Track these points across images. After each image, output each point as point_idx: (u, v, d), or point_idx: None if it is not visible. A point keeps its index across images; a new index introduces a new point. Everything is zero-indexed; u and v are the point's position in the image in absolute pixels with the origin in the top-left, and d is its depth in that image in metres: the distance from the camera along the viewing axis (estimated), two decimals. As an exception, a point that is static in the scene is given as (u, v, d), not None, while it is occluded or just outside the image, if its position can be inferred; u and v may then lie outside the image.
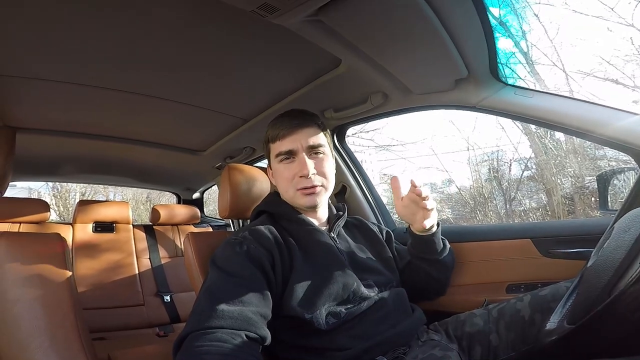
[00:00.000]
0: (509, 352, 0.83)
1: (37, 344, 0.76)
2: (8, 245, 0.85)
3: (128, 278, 2.07)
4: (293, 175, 0.92)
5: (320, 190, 0.93)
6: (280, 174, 0.94)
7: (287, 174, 0.93)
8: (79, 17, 0.89)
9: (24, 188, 7.34)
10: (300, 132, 0.93)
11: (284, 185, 0.94)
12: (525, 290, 1.05)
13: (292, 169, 0.92)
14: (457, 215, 6.31)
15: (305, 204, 0.93)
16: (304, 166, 0.90)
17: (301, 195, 0.92)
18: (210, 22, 0.92)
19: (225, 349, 0.64)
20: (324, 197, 0.95)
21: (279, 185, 0.97)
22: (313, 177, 0.91)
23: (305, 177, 0.90)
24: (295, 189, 0.92)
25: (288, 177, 0.93)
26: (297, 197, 0.93)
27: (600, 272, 0.60)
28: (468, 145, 5.91)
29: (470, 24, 0.86)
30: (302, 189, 0.91)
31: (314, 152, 0.93)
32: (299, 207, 0.95)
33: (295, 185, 0.92)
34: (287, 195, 0.95)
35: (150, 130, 1.72)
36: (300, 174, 0.91)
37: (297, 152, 0.92)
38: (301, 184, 0.91)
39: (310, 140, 0.93)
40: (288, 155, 0.93)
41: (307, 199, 0.92)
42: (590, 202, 4.36)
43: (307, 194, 0.91)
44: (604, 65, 4.64)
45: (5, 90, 1.22)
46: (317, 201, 0.93)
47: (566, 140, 4.76)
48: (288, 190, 0.94)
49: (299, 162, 0.92)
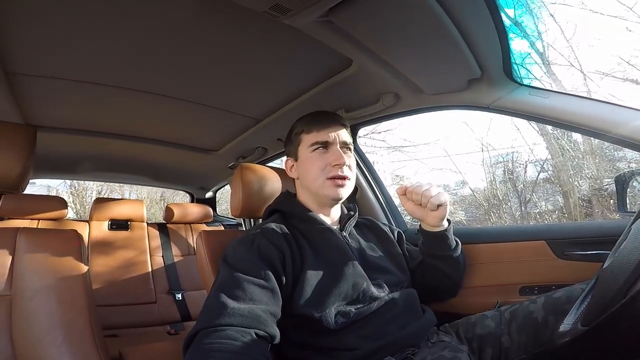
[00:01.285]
0: (521, 354, 0.82)
1: (51, 339, 0.78)
2: (27, 240, 0.87)
3: (141, 275, 2.10)
4: (326, 164, 0.94)
5: (347, 183, 0.95)
6: (312, 162, 0.96)
7: (320, 162, 0.94)
8: (98, 19, 0.91)
9: (43, 186, 7.52)
10: (337, 128, 0.97)
11: (314, 174, 0.95)
12: (539, 292, 1.03)
13: (326, 158, 0.94)
14: (471, 217, 6.24)
15: (333, 195, 0.94)
16: (339, 156, 0.93)
17: (331, 185, 0.93)
18: (224, 23, 0.94)
19: (234, 346, 0.65)
20: (346, 193, 0.96)
21: (308, 174, 0.97)
22: (345, 169, 0.94)
23: (340, 167, 0.93)
24: (326, 177, 0.93)
25: (320, 165, 0.94)
26: (325, 186, 0.94)
27: (616, 274, 0.58)
28: (482, 146, 5.84)
29: (483, 24, 0.85)
30: (332, 178, 0.93)
31: (346, 149, 0.97)
32: (321, 198, 0.96)
33: (326, 173, 0.93)
34: (315, 184, 0.95)
35: (165, 130, 1.75)
36: (335, 163, 0.93)
37: (333, 143, 0.95)
38: (333, 172, 0.93)
39: (344, 137, 0.97)
40: (324, 145, 0.95)
41: (335, 189, 0.93)
42: (609, 204, 4.26)
43: (337, 185, 0.93)
44: (623, 65, 4.53)
45: (27, 90, 1.26)
46: (343, 194, 0.94)
47: (584, 141, 4.66)
48: (318, 179, 0.94)
49: (333, 152, 0.94)
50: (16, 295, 0.82)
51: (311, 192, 0.98)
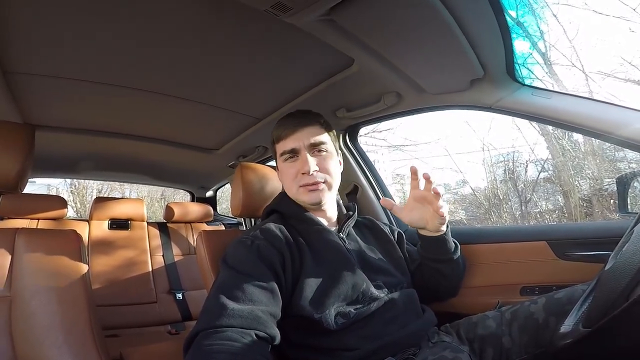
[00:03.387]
0: (522, 355, 0.82)
1: (52, 340, 0.77)
2: (26, 241, 0.87)
3: (142, 275, 2.10)
4: (296, 173, 0.93)
5: (324, 187, 0.94)
6: (285, 172, 0.96)
7: (291, 172, 0.94)
8: (97, 17, 0.90)
9: (43, 185, 7.52)
10: (302, 131, 0.94)
11: (288, 184, 0.96)
12: (540, 292, 1.03)
13: (295, 167, 0.94)
14: (471, 217, 6.24)
15: (309, 201, 0.93)
16: (305, 163, 0.92)
17: (304, 192, 0.93)
18: (225, 22, 0.93)
19: (234, 348, 0.65)
20: (328, 195, 0.95)
21: (285, 184, 0.99)
22: (315, 174, 0.92)
23: (307, 174, 0.92)
24: (298, 185, 0.93)
25: (292, 175, 0.94)
26: (300, 194, 0.94)
27: (619, 276, 0.58)
28: (483, 145, 5.84)
29: (486, 23, 0.85)
30: (304, 186, 0.93)
31: (317, 150, 0.95)
32: (304, 204, 0.96)
33: (298, 182, 0.93)
34: (291, 193, 0.97)
35: (165, 129, 1.74)
36: (302, 171, 0.92)
37: (300, 150, 0.94)
38: (303, 181, 0.93)
39: (311, 138, 0.94)
40: (291, 154, 0.95)
41: (309, 195, 0.93)
42: (609, 204, 4.26)
43: (309, 190, 0.92)
44: (625, 66, 4.52)
45: (25, 89, 1.25)
46: (320, 197, 0.93)
47: (584, 141, 4.66)
48: (291, 188, 0.95)
49: (301, 159, 0.93)
50: (16, 296, 0.81)
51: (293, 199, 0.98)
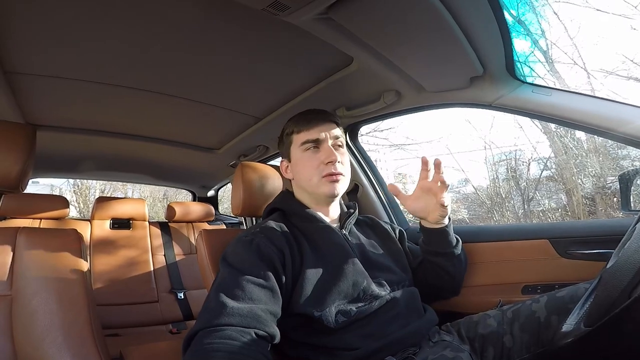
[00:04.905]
0: (523, 354, 0.82)
1: (51, 339, 0.78)
2: (27, 240, 0.88)
3: (143, 275, 2.10)
4: (319, 163, 0.93)
5: (342, 179, 0.94)
6: (305, 162, 0.95)
7: (313, 161, 0.94)
8: (98, 18, 0.91)
9: (47, 185, 7.57)
10: (326, 125, 0.96)
11: (308, 173, 0.94)
12: (542, 291, 1.02)
13: (318, 157, 0.94)
14: (474, 215, 6.23)
15: (329, 191, 0.93)
16: (331, 153, 0.93)
17: (326, 182, 0.92)
18: (224, 22, 0.93)
19: (234, 346, 0.64)
20: (343, 190, 0.96)
21: (302, 174, 0.97)
22: (338, 165, 0.93)
23: (333, 163, 0.92)
24: (320, 175, 0.93)
25: (314, 164, 0.94)
26: (321, 185, 0.93)
27: (620, 274, 0.57)
28: (485, 144, 5.83)
29: (485, 21, 0.84)
30: (328, 175, 0.92)
31: (337, 144, 0.96)
32: (318, 196, 0.95)
33: (320, 172, 0.93)
34: (310, 184, 0.95)
35: (166, 129, 1.75)
36: (328, 160, 0.92)
37: (324, 141, 0.95)
38: (327, 170, 0.92)
39: (334, 132, 0.96)
40: (315, 143, 0.95)
41: (331, 186, 0.93)
42: (612, 202, 4.24)
43: (332, 180, 0.92)
44: (627, 63, 4.50)
45: (26, 89, 1.26)
46: (339, 190, 0.94)
47: (587, 139, 4.64)
48: (312, 178, 0.94)
49: (324, 150, 0.94)
50: (17, 295, 0.82)
51: (307, 192, 0.97)
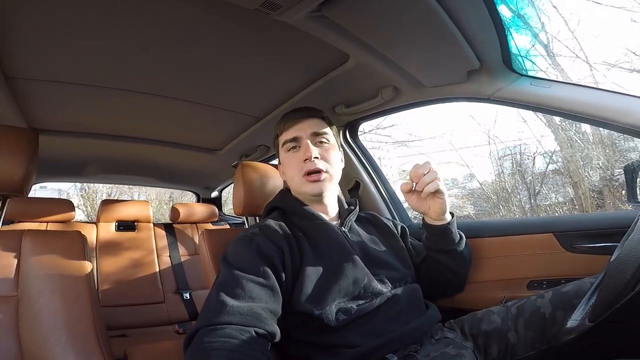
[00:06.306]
0: (528, 350, 0.81)
1: (56, 338, 0.80)
2: (32, 242, 0.90)
3: (149, 276, 2.12)
4: (298, 162, 0.94)
5: (325, 177, 0.93)
6: (288, 162, 0.96)
7: (294, 161, 0.95)
8: (98, 22, 0.91)
9: (55, 189, 7.67)
10: (305, 122, 0.96)
11: (291, 173, 0.96)
12: (548, 286, 1.00)
13: (298, 156, 0.94)
14: (479, 211, 6.19)
15: (311, 192, 0.93)
16: (307, 149, 0.92)
17: (307, 182, 0.93)
18: (221, 23, 0.94)
19: (233, 345, 0.64)
20: (329, 187, 0.95)
21: (287, 175, 0.98)
22: (317, 161, 0.92)
23: (309, 160, 0.92)
24: (301, 174, 0.93)
25: (294, 164, 0.94)
26: (303, 184, 0.93)
27: (624, 267, 0.56)
28: (489, 139, 5.79)
29: (478, 14, 0.83)
30: (307, 175, 0.92)
31: (319, 140, 0.96)
32: (305, 195, 0.95)
33: (300, 171, 0.93)
34: (294, 184, 0.96)
35: (168, 131, 1.75)
36: (304, 157, 0.92)
37: (302, 138, 0.95)
38: (305, 168, 0.92)
39: (314, 128, 0.96)
40: (294, 143, 0.95)
41: (312, 185, 0.92)
42: (621, 194, 4.19)
43: (312, 180, 0.92)
44: (629, 56, 4.45)
45: (28, 93, 1.26)
46: (321, 188, 0.93)
47: (593, 132, 4.59)
48: (294, 178, 0.95)
49: (303, 148, 0.94)
50: (23, 296, 0.85)
51: (296, 192, 0.98)
